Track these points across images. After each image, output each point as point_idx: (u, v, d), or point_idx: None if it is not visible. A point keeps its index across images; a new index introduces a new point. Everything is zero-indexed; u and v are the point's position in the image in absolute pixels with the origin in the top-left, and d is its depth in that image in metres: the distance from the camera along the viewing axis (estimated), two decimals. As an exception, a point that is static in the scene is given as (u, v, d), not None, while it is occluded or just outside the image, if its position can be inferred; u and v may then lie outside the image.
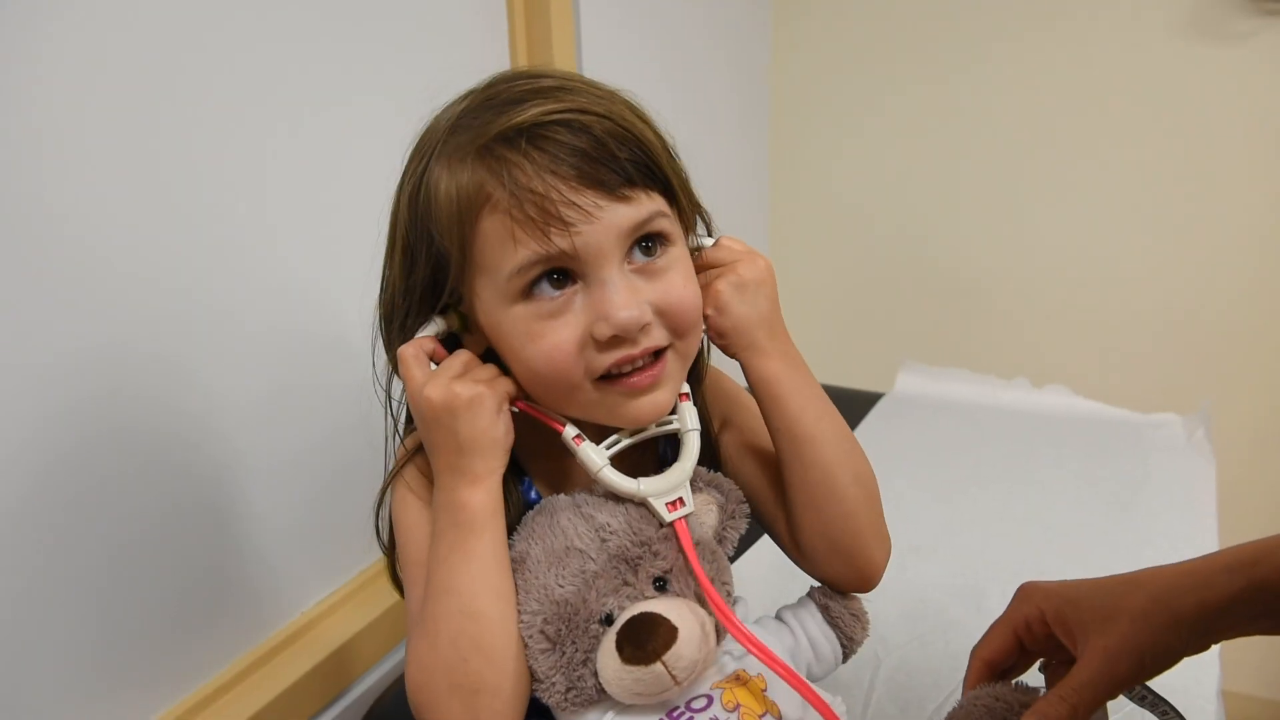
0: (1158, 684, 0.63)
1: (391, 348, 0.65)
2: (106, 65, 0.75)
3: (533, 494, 0.69)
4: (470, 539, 0.60)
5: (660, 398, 0.62)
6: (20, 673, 0.74)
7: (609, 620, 0.58)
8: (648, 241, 0.60)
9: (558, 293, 0.58)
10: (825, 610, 0.67)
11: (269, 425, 0.95)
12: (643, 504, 0.62)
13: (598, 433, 0.63)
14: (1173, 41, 1.66)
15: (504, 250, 0.57)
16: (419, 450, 0.66)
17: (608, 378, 0.60)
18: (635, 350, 0.59)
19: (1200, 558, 0.63)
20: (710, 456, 0.72)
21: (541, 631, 0.59)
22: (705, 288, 0.65)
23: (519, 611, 0.60)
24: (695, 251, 0.68)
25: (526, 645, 0.59)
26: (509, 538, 0.63)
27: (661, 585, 0.60)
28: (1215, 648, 0.91)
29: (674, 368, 0.62)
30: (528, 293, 0.58)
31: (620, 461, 0.63)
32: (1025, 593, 0.67)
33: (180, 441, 0.86)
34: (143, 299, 0.81)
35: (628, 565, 0.59)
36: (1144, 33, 1.68)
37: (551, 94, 0.57)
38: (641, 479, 0.62)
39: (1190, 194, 1.74)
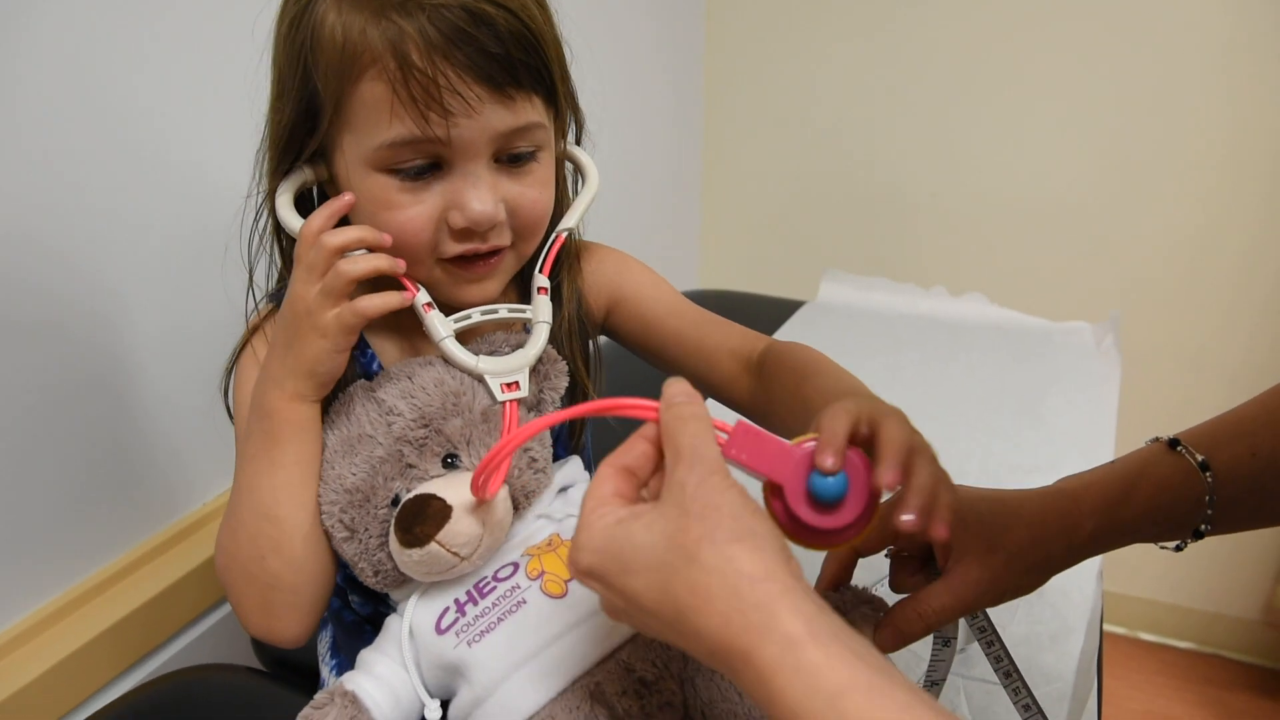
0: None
1: (264, 188, 0.64)
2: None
3: (374, 366, 0.68)
4: (276, 449, 0.59)
5: (490, 287, 0.65)
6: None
7: (396, 503, 0.58)
8: (517, 145, 0.60)
9: (422, 173, 0.58)
10: None
11: (169, 303, 0.93)
12: (479, 380, 0.62)
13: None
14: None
15: (378, 120, 0.56)
16: (271, 314, 0.66)
17: (450, 259, 0.62)
18: (483, 246, 0.61)
19: (1076, 486, 0.65)
20: (584, 350, 0.74)
21: (340, 520, 0.58)
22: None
23: (321, 504, 0.59)
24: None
25: (331, 535, 0.59)
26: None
27: (452, 463, 0.59)
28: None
29: (508, 264, 0.65)
30: (392, 165, 0.58)
31: None
32: None
33: (78, 319, 0.84)
34: (36, 178, 0.78)
35: (412, 447, 0.59)
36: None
37: None
38: (482, 356, 0.62)
39: (1107, 113, 1.75)
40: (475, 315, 0.64)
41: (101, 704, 0.86)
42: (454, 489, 0.56)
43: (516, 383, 0.62)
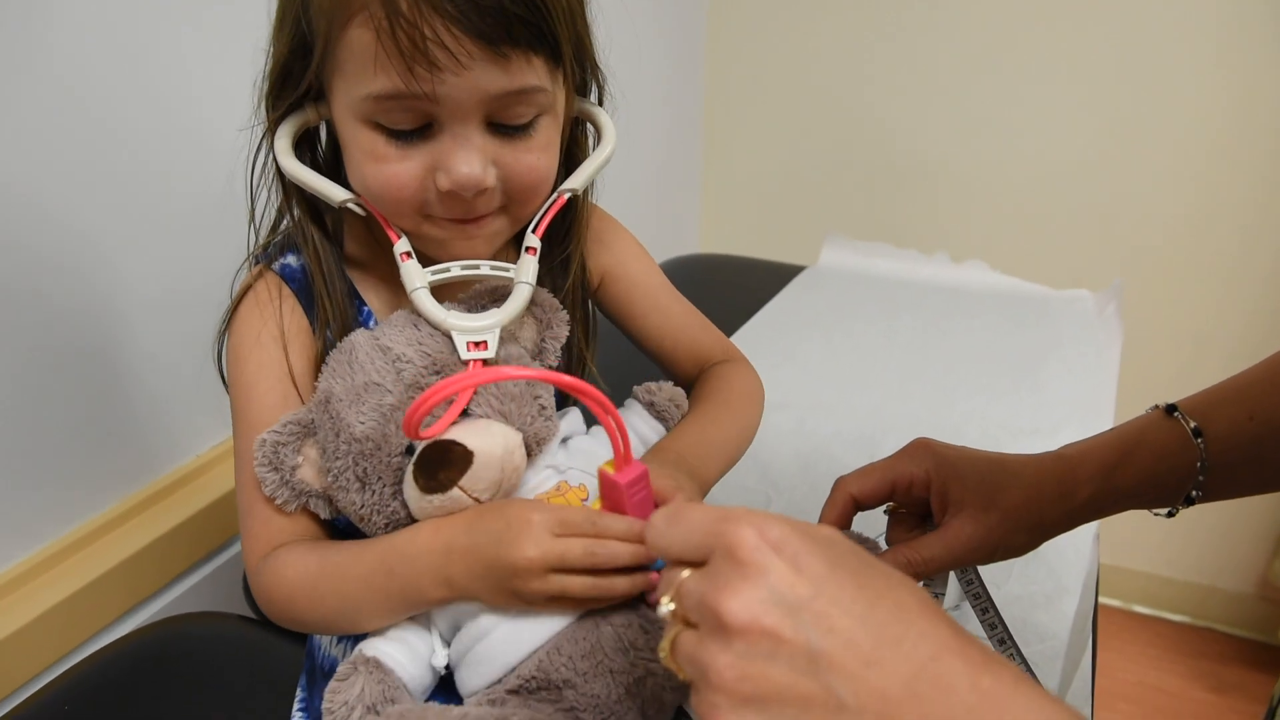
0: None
1: (267, 123, 0.62)
2: None
3: (371, 323, 0.67)
4: (385, 587, 0.57)
5: (479, 245, 0.62)
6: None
7: (410, 451, 0.56)
8: (513, 112, 0.57)
9: (409, 130, 0.55)
10: (650, 407, 0.67)
11: (158, 257, 0.91)
12: (447, 336, 0.59)
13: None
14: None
15: (364, 69, 0.53)
16: (274, 258, 0.64)
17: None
18: (469, 216, 0.59)
19: (1075, 452, 0.65)
20: (585, 316, 0.74)
21: (351, 472, 0.57)
22: None
23: (332, 458, 0.58)
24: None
25: (342, 488, 0.58)
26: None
27: (463, 410, 0.58)
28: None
29: (501, 225, 0.62)
30: (379, 120, 0.55)
31: None
32: (917, 451, 0.67)
33: (64, 271, 0.83)
34: (19, 134, 0.76)
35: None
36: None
37: None
38: (452, 311, 0.60)
39: (1114, 81, 1.73)
40: (454, 269, 0.61)
41: (93, 650, 0.86)
42: (472, 435, 0.55)
43: (485, 342, 0.59)
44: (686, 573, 0.41)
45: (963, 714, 0.35)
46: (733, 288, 1.58)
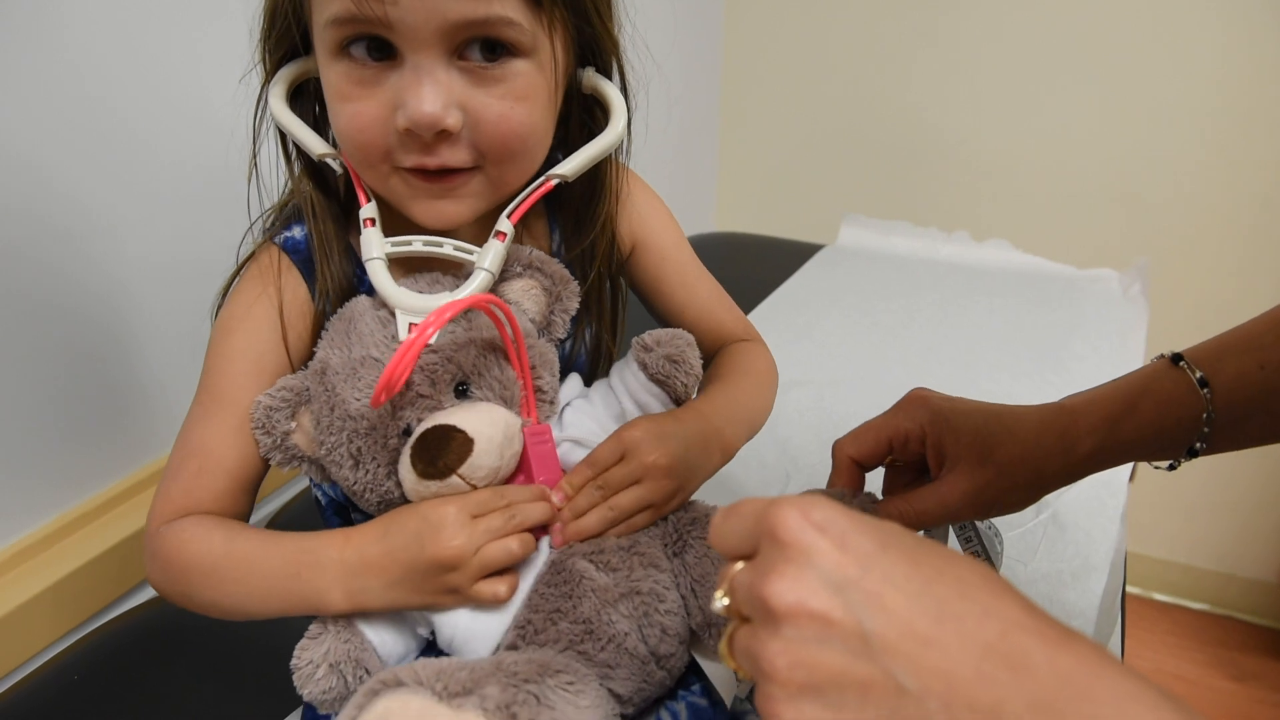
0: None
1: (263, 73, 0.60)
2: None
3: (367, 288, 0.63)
4: (293, 593, 0.55)
5: (452, 208, 0.56)
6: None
7: (408, 433, 0.54)
8: (487, 44, 0.52)
9: (371, 62, 0.52)
10: (644, 367, 0.62)
11: (163, 233, 0.90)
12: (394, 312, 0.56)
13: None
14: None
15: None
16: (278, 230, 0.62)
17: (407, 169, 0.55)
18: (430, 161, 0.53)
19: (1077, 403, 0.63)
20: (613, 300, 0.71)
21: (346, 450, 0.55)
22: None
23: (326, 431, 0.56)
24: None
25: (335, 463, 0.56)
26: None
27: (463, 391, 0.56)
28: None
29: (478, 187, 0.57)
30: (345, 49, 0.52)
31: None
32: (912, 404, 0.65)
33: (66, 240, 0.81)
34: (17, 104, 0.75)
35: (424, 374, 0.55)
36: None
37: None
38: (403, 289, 0.56)
39: (1137, 57, 1.70)
40: (416, 244, 0.58)
41: (101, 623, 0.85)
42: (473, 420, 0.53)
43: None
44: (739, 566, 0.39)
45: (1042, 697, 0.32)
46: (751, 266, 1.56)
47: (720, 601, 0.39)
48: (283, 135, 0.62)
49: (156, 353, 0.92)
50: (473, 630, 0.54)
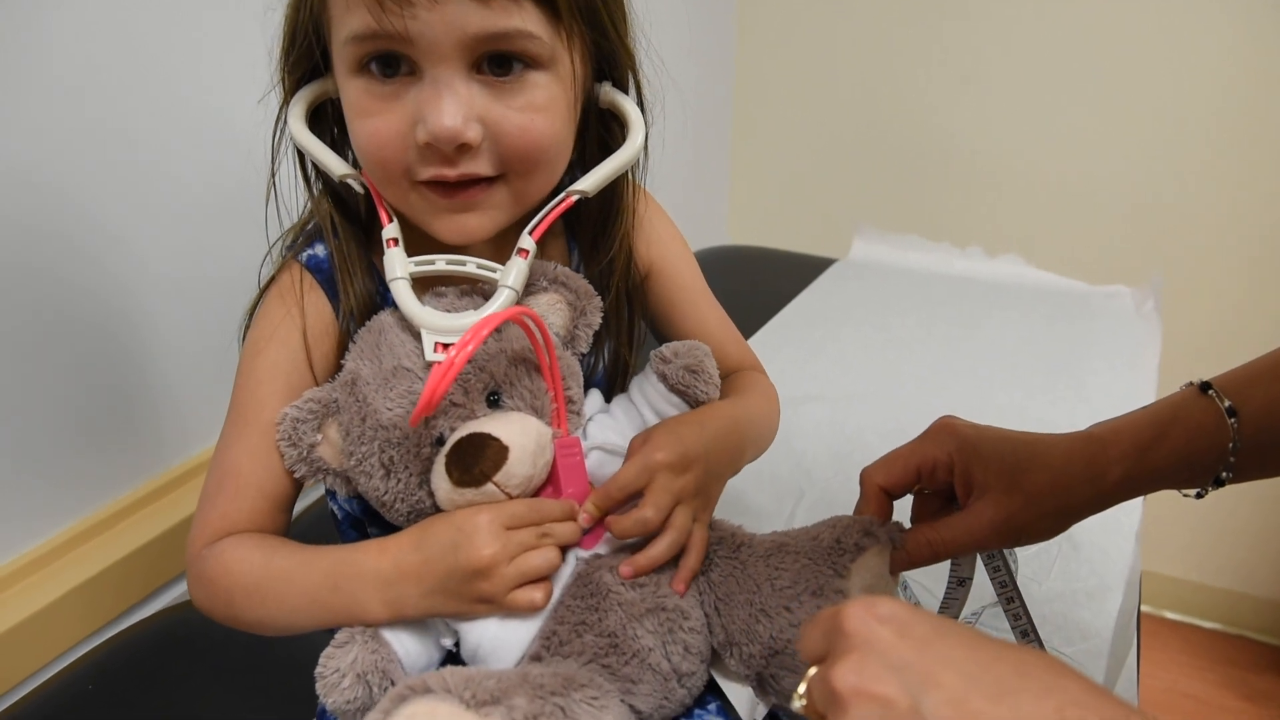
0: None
1: (282, 94, 0.60)
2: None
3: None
4: (328, 602, 0.56)
5: (474, 221, 0.57)
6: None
7: (441, 442, 0.55)
8: (505, 57, 0.53)
9: (390, 77, 0.53)
10: (664, 379, 0.63)
11: (181, 251, 0.90)
12: (419, 330, 0.56)
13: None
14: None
15: (343, 11, 0.52)
16: (301, 248, 0.62)
17: (430, 183, 0.55)
18: (450, 172, 0.54)
19: (1105, 431, 0.63)
20: (630, 318, 0.71)
21: (376, 459, 0.55)
22: None
23: (356, 442, 0.56)
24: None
25: (365, 473, 0.56)
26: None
27: (495, 401, 0.56)
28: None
29: (500, 199, 0.57)
30: (365, 66, 0.53)
31: None
32: (940, 432, 0.65)
33: (84, 256, 0.82)
34: (45, 113, 0.76)
35: (457, 383, 0.55)
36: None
37: None
38: (427, 308, 0.56)
39: (1150, 69, 1.70)
40: (440, 263, 0.58)
41: (116, 631, 0.85)
42: (507, 428, 0.54)
43: (453, 344, 0.55)
44: (814, 669, 0.41)
45: None
46: (763, 279, 1.57)
47: (798, 702, 0.41)
48: (301, 156, 0.62)
49: (173, 365, 0.93)
50: (500, 639, 0.54)
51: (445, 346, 0.55)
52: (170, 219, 0.89)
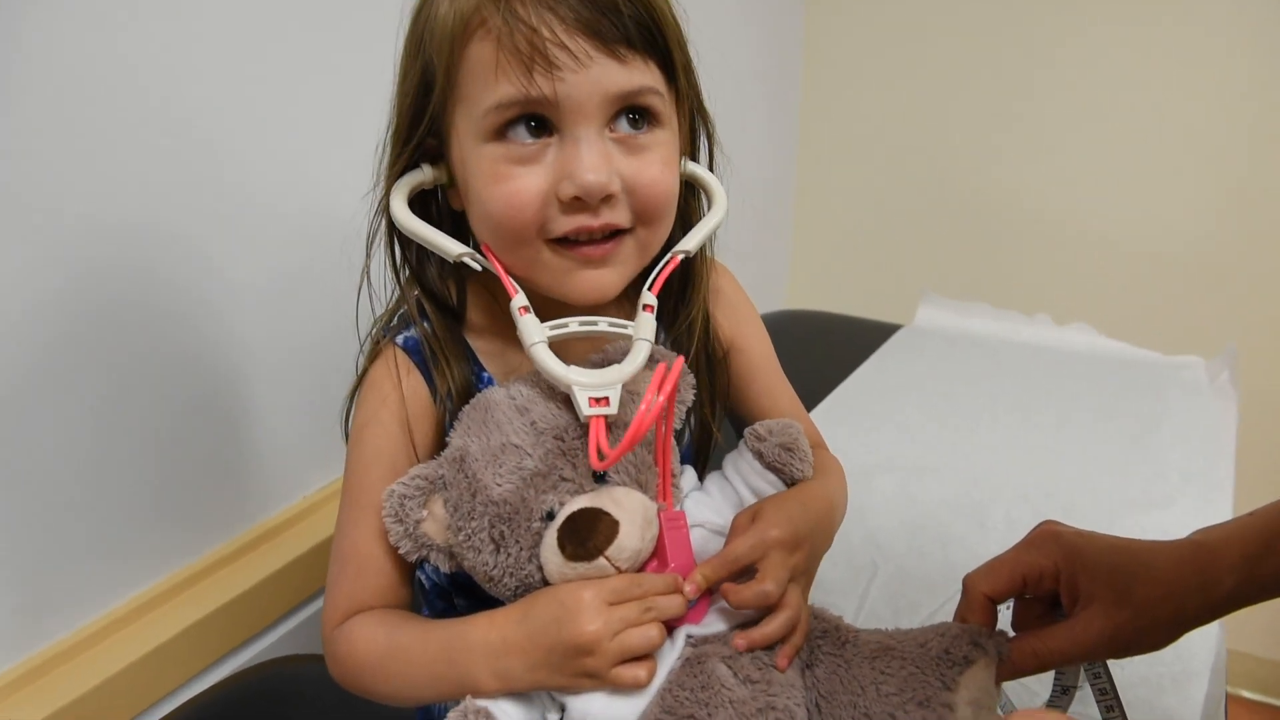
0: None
1: (382, 187, 0.63)
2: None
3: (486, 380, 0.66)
4: (445, 675, 0.58)
5: (607, 277, 0.59)
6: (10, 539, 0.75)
7: (550, 516, 0.56)
8: (634, 114, 0.57)
9: (532, 140, 0.56)
10: (760, 456, 0.64)
11: (276, 310, 0.95)
12: (567, 391, 0.58)
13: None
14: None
15: (486, 82, 0.55)
16: (397, 331, 0.65)
17: (563, 242, 0.58)
18: (594, 222, 0.57)
19: (1214, 539, 0.62)
20: (711, 380, 0.72)
21: (486, 534, 0.57)
22: None
23: (465, 518, 0.58)
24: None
25: (474, 548, 0.57)
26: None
27: (601, 476, 0.58)
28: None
29: (629, 252, 0.60)
30: (502, 132, 0.56)
31: None
32: (1044, 540, 0.64)
33: (183, 316, 0.86)
34: (158, 177, 0.81)
35: (565, 459, 0.57)
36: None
37: None
38: (573, 367, 0.58)
39: (1221, 137, 1.69)
40: (573, 325, 0.59)
41: (201, 688, 0.87)
42: (616, 503, 0.55)
43: (606, 398, 0.57)
44: None
45: None
46: (827, 345, 1.57)
47: None
48: (391, 243, 0.65)
49: (269, 424, 0.97)
50: (606, 715, 0.55)
51: (598, 400, 0.57)
52: (275, 279, 0.94)
